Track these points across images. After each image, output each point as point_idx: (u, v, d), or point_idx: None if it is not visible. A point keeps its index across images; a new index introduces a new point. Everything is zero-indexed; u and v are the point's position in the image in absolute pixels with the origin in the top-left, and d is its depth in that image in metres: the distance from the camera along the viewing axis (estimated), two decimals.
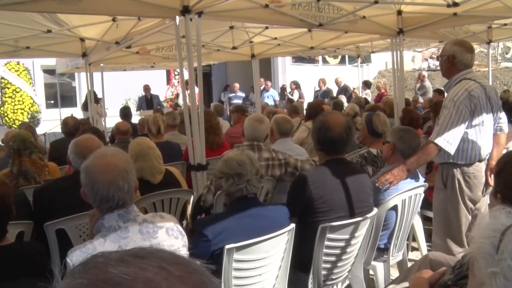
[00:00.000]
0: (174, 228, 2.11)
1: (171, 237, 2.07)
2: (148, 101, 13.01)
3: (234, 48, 8.44)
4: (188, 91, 5.03)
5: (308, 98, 14.86)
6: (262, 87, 14.35)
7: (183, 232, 2.16)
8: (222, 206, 3.58)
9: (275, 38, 8.37)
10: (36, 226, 3.14)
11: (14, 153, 4.02)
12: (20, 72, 14.44)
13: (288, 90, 15.70)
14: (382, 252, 3.60)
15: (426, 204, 4.15)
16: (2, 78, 14.26)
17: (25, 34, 6.70)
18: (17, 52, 7.71)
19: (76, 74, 16.88)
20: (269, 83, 16.08)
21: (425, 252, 4.20)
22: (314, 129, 3.20)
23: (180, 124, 6.54)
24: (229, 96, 16.53)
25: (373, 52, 12.34)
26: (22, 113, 14.11)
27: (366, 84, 15.03)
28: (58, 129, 12.56)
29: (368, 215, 3.07)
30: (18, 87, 14.26)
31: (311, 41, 8.58)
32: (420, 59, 20.83)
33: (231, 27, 7.61)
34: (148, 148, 3.56)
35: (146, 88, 13.22)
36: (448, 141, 3.35)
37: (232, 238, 2.47)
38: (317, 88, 15.20)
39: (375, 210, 3.19)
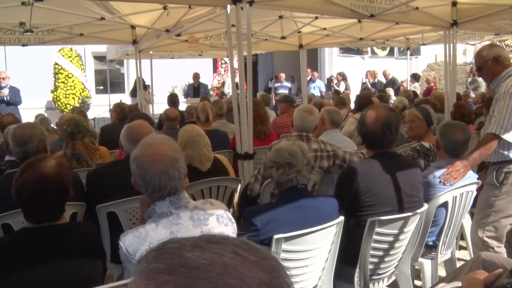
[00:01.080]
0: (224, 215, 2.11)
1: (221, 224, 2.08)
2: (195, 89, 13.13)
3: (282, 38, 8.39)
4: (237, 80, 5.04)
5: (354, 90, 14.66)
6: (308, 78, 14.23)
7: (233, 220, 2.16)
8: (268, 196, 3.59)
9: (324, 29, 8.26)
10: (88, 208, 3.22)
11: (68, 137, 4.14)
12: (73, 58, 14.84)
13: (335, 81, 15.52)
14: (430, 249, 3.51)
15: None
16: (56, 64, 14.69)
17: (79, 22, 6.86)
18: (71, 38, 7.93)
19: (125, 61, 17.20)
20: (315, 74, 15.95)
21: None
22: (357, 123, 3.18)
23: (227, 113, 6.59)
24: (274, 86, 16.49)
25: (423, 44, 12.01)
26: (73, 98, 14.51)
27: (415, 77, 14.66)
28: (107, 114, 12.89)
29: (418, 211, 3.00)
30: (71, 73, 14.67)
31: (360, 32, 8.43)
32: (472, 52, 20.14)
33: (280, 17, 7.56)
34: (198, 136, 3.59)
35: (196, 76, 13.34)
36: (509, 131, 3.31)
37: (281, 228, 2.46)
38: (364, 80, 14.96)
39: (425, 205, 3.11)
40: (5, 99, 9.41)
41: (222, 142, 4.96)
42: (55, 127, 6.25)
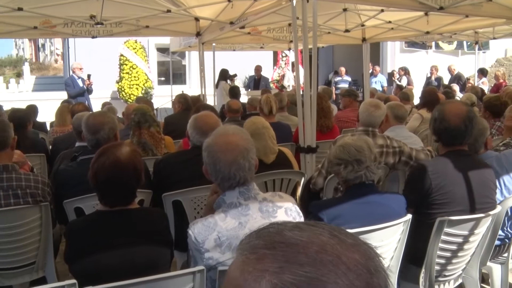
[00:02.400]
0: (292, 208, 2.11)
1: (289, 217, 2.07)
2: (256, 81, 13.18)
3: (346, 31, 8.26)
4: (299, 73, 5.01)
5: (417, 85, 14.24)
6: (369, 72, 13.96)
7: (301, 213, 2.15)
8: (332, 190, 3.55)
9: (389, 22, 8.06)
10: (153, 195, 3.29)
11: (135, 125, 4.25)
12: (137, 50, 15.26)
13: (396, 76, 15.14)
14: (500, 253, 3.37)
15: None
16: (121, 55, 15.16)
17: (146, 14, 7.03)
18: (137, 31, 8.15)
19: (186, 52, 17.51)
20: (377, 68, 15.62)
21: None
22: (431, 119, 3.06)
23: (288, 106, 6.57)
24: (335, 80, 16.30)
25: (494, 38, 11.48)
26: (137, 89, 14.93)
27: (482, 72, 14.02)
28: (169, 105, 13.19)
29: (491, 212, 2.87)
30: (135, 64, 15.10)
31: (427, 25, 8.16)
32: None
33: (345, 9, 7.45)
34: (263, 128, 3.60)
35: (258, 69, 13.39)
36: None
37: (348, 224, 2.42)
38: (429, 75, 14.51)
39: (499, 207, 2.98)
40: (89, 89, 9.78)
41: (285, 135, 4.94)
42: (121, 116, 6.44)
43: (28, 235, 3.07)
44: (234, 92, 8.68)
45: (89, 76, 9.70)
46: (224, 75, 11.61)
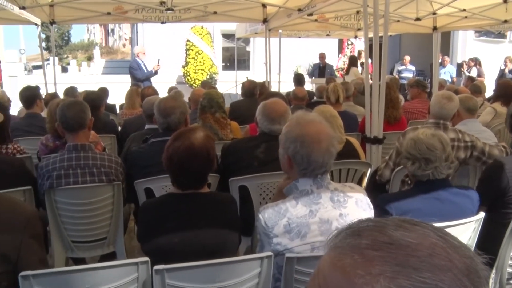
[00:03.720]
0: (363, 200, 2.09)
1: (359, 208, 2.05)
2: (321, 69, 13.05)
3: (417, 19, 8.00)
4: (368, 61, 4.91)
5: (489, 77, 13.60)
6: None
7: (371, 205, 2.13)
8: (399, 183, 3.48)
9: (463, 10, 7.73)
10: (220, 180, 3.35)
11: (201, 109, 4.33)
12: (203, 36, 15.51)
13: (465, 67, 14.52)
14: None
15: None
16: (188, 40, 15.44)
17: (214, 0, 7.11)
18: (205, 17, 8.26)
19: (251, 39, 17.58)
20: (446, 59, 15.05)
21: None
22: (508, 114, 2.93)
23: (355, 95, 6.48)
24: (398, 69, 15.84)
25: None
26: (202, 74, 15.19)
27: None
28: (233, 90, 13.35)
29: None
30: (201, 49, 15.35)
31: (505, 13, 7.75)
32: None
33: None
34: (331, 117, 3.56)
35: (322, 56, 13.25)
36: None
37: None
38: (503, 67, 13.82)
39: None
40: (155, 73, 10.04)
41: (351, 125, 4.88)
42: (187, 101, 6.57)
43: (101, 211, 3.21)
44: (298, 80, 8.63)
45: (158, 60, 9.95)
46: (354, 61, 11.62)
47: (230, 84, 13.45)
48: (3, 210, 1.96)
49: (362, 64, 12.51)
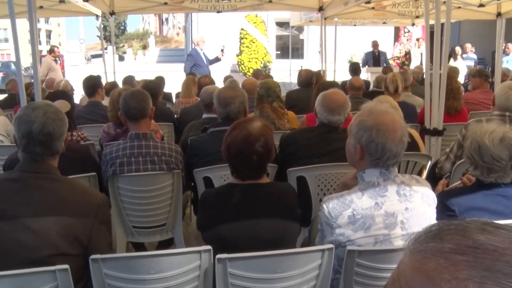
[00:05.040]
0: (429, 194, 2.04)
1: (425, 203, 2.01)
2: (375, 57, 12.77)
3: (481, 5, 7.67)
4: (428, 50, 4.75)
5: None
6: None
7: (436, 200, 2.08)
8: (460, 177, 3.37)
9: None
10: (278, 170, 3.35)
11: (258, 99, 4.34)
12: (257, 24, 15.51)
13: None
14: None
15: None
16: (242, 29, 15.49)
17: None
18: (260, 5, 8.25)
19: (305, 27, 17.44)
20: (510, 46, 14.39)
21: None
22: None
23: (413, 85, 6.31)
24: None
25: None
26: (256, 62, 15.23)
27: None
28: (287, 79, 13.30)
29: None
30: (255, 38, 15.37)
31: None
32: None
33: None
34: (391, 108, 3.48)
35: (375, 44, 12.96)
36: None
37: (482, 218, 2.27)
38: None
39: None
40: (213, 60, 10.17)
41: (410, 116, 4.75)
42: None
43: (161, 199, 3.28)
44: (354, 69, 8.49)
45: (223, 47, 10.08)
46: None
47: (283, 73, 13.38)
48: (76, 196, 2.06)
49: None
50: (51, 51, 11.17)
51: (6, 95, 7.61)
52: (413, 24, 12.10)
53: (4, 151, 4.01)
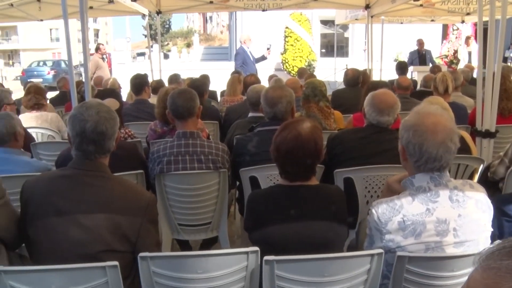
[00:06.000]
0: (483, 200, 1.96)
1: (479, 210, 1.93)
2: (421, 56, 12.47)
3: None
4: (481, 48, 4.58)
5: None
6: None
7: (491, 207, 1.99)
8: None
9: None
10: (325, 171, 3.30)
11: (304, 98, 4.30)
12: (302, 22, 15.44)
13: None
14: None
15: None
16: (287, 27, 15.45)
17: None
18: (306, 3, 8.19)
19: (350, 25, 17.24)
20: None
21: None
22: None
23: (463, 85, 6.12)
24: (511, 56, 14.76)
25: None
26: (300, 61, 15.16)
27: None
28: (331, 78, 13.17)
29: None
30: (299, 36, 15.30)
31: None
32: None
33: None
34: (442, 109, 3.38)
35: (421, 43, 12.66)
36: None
37: None
38: None
39: None
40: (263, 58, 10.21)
41: (460, 117, 4.59)
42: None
43: (207, 197, 3.30)
44: (401, 68, 8.31)
45: (269, 46, 10.10)
46: None
47: (328, 72, 13.26)
48: (126, 194, 2.09)
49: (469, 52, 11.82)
50: (97, 49, 11.44)
51: (57, 92, 7.86)
52: (462, 21, 11.74)
53: (55, 147, 4.12)
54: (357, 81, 6.10)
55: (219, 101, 7.29)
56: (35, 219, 2.04)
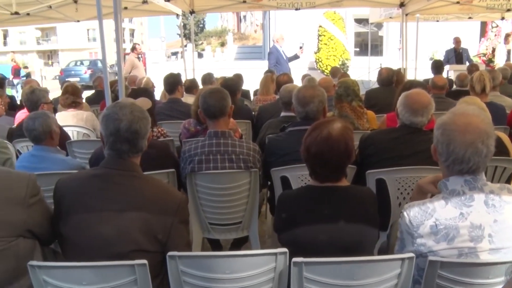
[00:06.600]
0: None
1: None
2: (458, 55, 12.17)
3: None
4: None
5: None
6: None
7: None
8: None
9: None
10: (356, 172, 3.26)
11: (337, 98, 4.26)
12: (336, 21, 15.31)
13: None
14: None
15: None
16: (320, 26, 15.36)
17: None
18: (339, 2, 8.15)
19: (384, 24, 17.01)
20: None
21: None
22: None
23: (502, 84, 5.96)
24: None
25: None
26: (334, 60, 15.04)
27: None
28: (365, 77, 13.02)
29: None
30: (333, 35, 15.18)
31: None
32: None
33: None
34: (479, 110, 3.29)
35: (457, 41, 12.36)
36: None
37: None
38: None
39: None
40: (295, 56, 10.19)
41: (498, 117, 4.46)
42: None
43: (238, 197, 3.30)
44: (437, 67, 8.14)
45: (302, 45, 10.07)
46: None
47: (362, 71, 13.10)
48: (158, 194, 2.11)
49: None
50: (133, 48, 11.62)
51: (93, 91, 8.03)
52: (502, 18, 11.41)
53: (90, 145, 4.20)
54: (391, 81, 6.00)
55: (252, 100, 7.29)
56: (68, 217, 2.07)
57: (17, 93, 15.40)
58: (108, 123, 2.12)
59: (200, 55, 32.01)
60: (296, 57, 9.92)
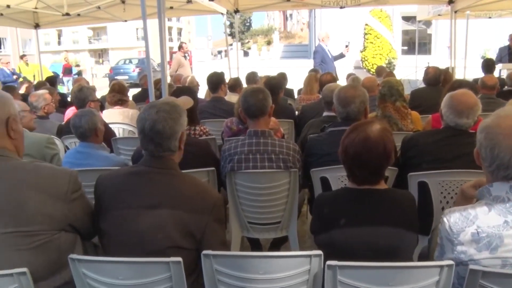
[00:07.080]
0: None
1: None
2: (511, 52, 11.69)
3: None
4: None
5: None
6: None
7: None
8: None
9: None
10: (399, 174, 3.19)
11: (380, 98, 4.17)
12: (382, 19, 15.07)
13: None
14: None
15: None
16: (366, 24, 15.14)
17: None
18: (384, 0, 7.97)
19: (433, 21, 16.61)
20: None
21: None
22: None
23: None
24: None
25: None
26: (380, 58, 14.80)
27: None
28: (412, 76, 12.74)
29: None
30: (379, 33, 14.94)
31: None
32: None
33: None
34: None
35: None
36: None
37: None
38: None
39: None
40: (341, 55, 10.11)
41: None
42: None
43: (277, 196, 3.29)
44: (488, 65, 7.86)
45: (348, 43, 9.96)
46: None
47: (409, 70, 12.81)
48: (194, 192, 2.13)
49: None
50: (179, 47, 11.78)
51: (139, 89, 8.21)
52: None
53: (134, 142, 4.28)
54: (438, 80, 5.83)
55: (295, 99, 7.27)
56: (107, 213, 2.13)
57: (68, 91, 15.94)
58: (138, 122, 2.19)
59: (246, 54, 32.16)
60: (341, 55, 9.82)
